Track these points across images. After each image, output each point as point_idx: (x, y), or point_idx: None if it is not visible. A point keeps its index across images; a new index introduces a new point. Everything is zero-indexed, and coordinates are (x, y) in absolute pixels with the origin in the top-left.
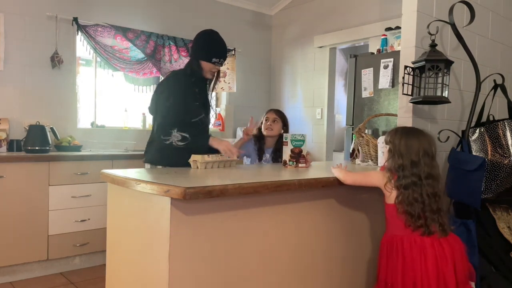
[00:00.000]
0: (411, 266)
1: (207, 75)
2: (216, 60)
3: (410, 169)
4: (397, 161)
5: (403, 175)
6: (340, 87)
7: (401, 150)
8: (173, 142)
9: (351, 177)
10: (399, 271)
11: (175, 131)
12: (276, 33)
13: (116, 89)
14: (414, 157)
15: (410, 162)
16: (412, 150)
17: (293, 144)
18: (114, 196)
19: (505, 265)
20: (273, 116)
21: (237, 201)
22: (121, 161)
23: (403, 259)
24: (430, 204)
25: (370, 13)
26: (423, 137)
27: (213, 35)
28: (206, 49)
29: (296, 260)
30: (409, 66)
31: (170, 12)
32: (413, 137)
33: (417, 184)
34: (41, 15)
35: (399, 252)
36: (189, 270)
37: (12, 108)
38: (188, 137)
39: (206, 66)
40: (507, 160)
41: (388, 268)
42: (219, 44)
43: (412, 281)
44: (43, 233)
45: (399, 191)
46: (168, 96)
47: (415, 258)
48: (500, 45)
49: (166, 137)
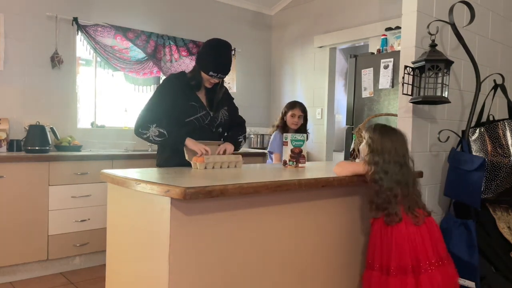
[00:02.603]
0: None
1: (206, 84)
2: (213, 74)
3: (381, 165)
4: (373, 157)
5: (375, 170)
6: (340, 87)
7: (377, 148)
8: (150, 137)
9: (345, 168)
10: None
11: (154, 126)
12: (276, 33)
13: (116, 89)
14: (386, 156)
15: (383, 160)
16: (385, 149)
17: (293, 144)
18: (114, 196)
19: (505, 265)
20: (300, 114)
21: (237, 201)
22: (121, 161)
23: (395, 240)
24: (398, 193)
25: (370, 13)
26: (397, 136)
27: (218, 48)
28: (206, 61)
29: (296, 260)
30: (409, 66)
31: (170, 12)
32: (387, 137)
33: (383, 179)
34: (41, 15)
35: (392, 234)
36: (189, 270)
37: (12, 108)
38: (165, 133)
39: (205, 76)
40: (507, 160)
41: (382, 250)
42: (220, 59)
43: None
44: (43, 233)
45: (372, 183)
46: (154, 95)
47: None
48: (500, 45)
49: (144, 131)
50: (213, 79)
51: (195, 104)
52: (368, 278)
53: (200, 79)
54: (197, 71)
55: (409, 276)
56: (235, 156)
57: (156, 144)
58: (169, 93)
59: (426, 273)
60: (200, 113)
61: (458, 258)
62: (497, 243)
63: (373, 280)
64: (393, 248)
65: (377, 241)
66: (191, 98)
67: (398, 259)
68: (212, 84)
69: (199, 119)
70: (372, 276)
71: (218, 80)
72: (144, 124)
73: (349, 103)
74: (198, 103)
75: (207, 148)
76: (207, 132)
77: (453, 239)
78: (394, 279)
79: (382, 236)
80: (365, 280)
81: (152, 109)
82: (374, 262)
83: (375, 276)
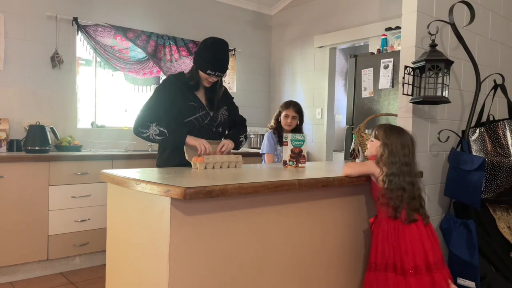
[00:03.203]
0: (415, 246)
1: (205, 83)
2: (211, 73)
3: (398, 166)
4: (388, 157)
5: (392, 172)
6: (340, 87)
7: (393, 149)
8: (151, 136)
9: (355, 169)
10: (409, 253)
11: (154, 125)
12: (276, 33)
13: (116, 89)
14: (401, 156)
15: (398, 160)
16: (403, 149)
17: (293, 144)
18: (114, 196)
19: (505, 265)
20: (293, 114)
21: (237, 201)
22: (121, 161)
23: (409, 240)
24: (409, 195)
25: (370, 13)
26: (406, 136)
27: (215, 46)
28: (203, 60)
29: (296, 260)
30: (409, 66)
31: (170, 12)
32: (402, 136)
33: (400, 178)
34: (41, 15)
35: (405, 235)
36: (189, 270)
37: (12, 108)
38: (166, 132)
39: (202, 75)
40: (507, 160)
41: (395, 251)
42: (217, 56)
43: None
44: (43, 233)
45: (387, 184)
46: (153, 95)
47: (401, 242)
48: (500, 45)
49: (144, 130)
50: (211, 77)
51: (194, 104)
52: (374, 279)
53: (199, 78)
54: (195, 71)
55: (425, 275)
56: (235, 156)
57: (157, 142)
58: (168, 93)
59: (438, 272)
60: (199, 113)
61: (458, 258)
62: (497, 243)
63: (390, 282)
64: (408, 248)
65: (384, 242)
66: (190, 98)
67: (414, 258)
68: (210, 83)
69: (199, 119)
70: (379, 277)
71: (216, 79)
72: (144, 123)
73: (349, 103)
74: (197, 103)
75: (207, 144)
76: (206, 132)
77: (453, 239)
78: (413, 279)
79: (390, 237)
80: (370, 282)
81: (151, 107)
82: (380, 263)
83: (382, 277)
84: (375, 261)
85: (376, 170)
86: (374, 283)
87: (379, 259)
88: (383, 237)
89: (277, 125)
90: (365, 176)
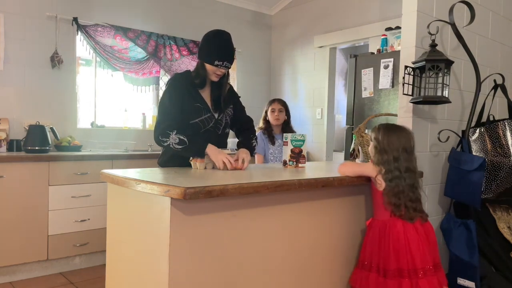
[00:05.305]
0: (400, 249)
1: (212, 77)
2: (219, 63)
3: (393, 164)
4: (382, 157)
5: (388, 169)
6: (340, 87)
7: (385, 147)
8: (171, 145)
9: (350, 168)
10: (391, 255)
11: (174, 133)
12: (276, 33)
13: (116, 89)
14: (395, 153)
15: (392, 158)
16: (393, 147)
17: (293, 144)
18: (114, 196)
19: (505, 265)
20: (279, 107)
21: (237, 201)
22: (121, 161)
23: (393, 244)
24: (409, 194)
25: (370, 13)
26: (402, 134)
27: (218, 37)
28: (209, 51)
29: (296, 260)
30: (409, 66)
31: (170, 12)
32: (394, 134)
33: (400, 177)
34: (41, 15)
35: (390, 237)
36: (189, 270)
37: (12, 108)
38: (186, 141)
39: (210, 68)
40: (507, 160)
41: (380, 252)
42: (222, 46)
43: (402, 263)
44: (43, 233)
45: (386, 183)
46: (165, 98)
47: (401, 242)
48: (500, 45)
49: (165, 139)
50: (219, 69)
51: (200, 106)
52: (359, 277)
53: (205, 74)
54: (201, 66)
55: (405, 279)
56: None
57: (178, 152)
58: (178, 94)
59: (425, 278)
60: (204, 115)
61: (458, 258)
62: (497, 243)
63: (371, 281)
64: (391, 251)
65: (373, 242)
66: (196, 99)
67: (398, 262)
68: (219, 76)
69: (204, 121)
70: (369, 278)
71: (224, 70)
72: (164, 132)
73: (349, 103)
74: (203, 104)
75: (225, 159)
76: (211, 134)
77: (453, 239)
78: (392, 282)
79: (379, 238)
80: (355, 279)
81: (168, 113)
82: (367, 263)
83: (365, 276)
84: (362, 259)
85: (373, 171)
86: (358, 280)
87: (366, 258)
88: (373, 238)
89: (266, 125)
90: (364, 176)
